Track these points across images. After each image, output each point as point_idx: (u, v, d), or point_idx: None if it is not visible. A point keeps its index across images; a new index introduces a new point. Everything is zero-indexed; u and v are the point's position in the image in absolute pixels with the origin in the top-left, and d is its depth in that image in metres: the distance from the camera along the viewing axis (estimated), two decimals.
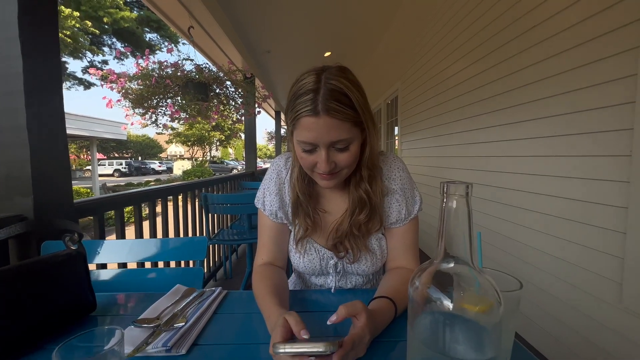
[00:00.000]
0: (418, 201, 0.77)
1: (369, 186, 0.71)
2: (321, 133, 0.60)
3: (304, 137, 0.61)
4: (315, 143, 0.61)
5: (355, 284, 0.80)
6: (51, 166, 1.07)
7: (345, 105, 0.59)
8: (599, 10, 1.30)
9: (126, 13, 13.06)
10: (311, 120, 0.59)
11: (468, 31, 2.35)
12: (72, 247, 0.61)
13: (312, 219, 0.74)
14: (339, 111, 0.58)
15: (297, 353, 0.41)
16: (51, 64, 1.09)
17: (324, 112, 0.58)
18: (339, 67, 0.64)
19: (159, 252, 0.94)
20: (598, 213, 1.32)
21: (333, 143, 0.61)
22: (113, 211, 1.54)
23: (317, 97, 0.58)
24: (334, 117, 0.58)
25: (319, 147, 0.62)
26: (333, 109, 0.58)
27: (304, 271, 0.79)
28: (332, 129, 0.59)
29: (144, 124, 2.59)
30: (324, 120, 0.58)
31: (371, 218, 0.72)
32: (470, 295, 0.32)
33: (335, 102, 0.58)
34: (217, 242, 2.38)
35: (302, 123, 0.60)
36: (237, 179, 3.89)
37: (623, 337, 1.21)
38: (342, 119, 0.59)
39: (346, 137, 0.61)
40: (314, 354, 0.41)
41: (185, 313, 0.61)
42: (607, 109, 1.28)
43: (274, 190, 0.77)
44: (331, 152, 0.63)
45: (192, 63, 2.39)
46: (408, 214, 0.75)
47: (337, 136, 0.60)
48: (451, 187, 0.32)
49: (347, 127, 0.60)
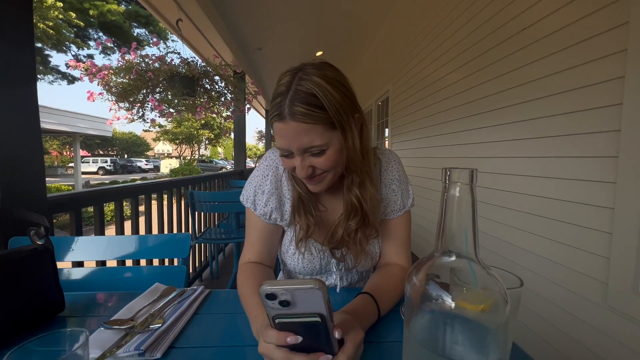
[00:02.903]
0: (411, 195, 0.78)
1: (359, 192, 0.66)
2: (290, 139, 0.57)
3: (278, 142, 0.60)
4: (288, 148, 0.58)
5: (351, 280, 0.79)
6: (22, 159, 1.00)
7: (314, 107, 0.54)
8: (586, 14, 1.32)
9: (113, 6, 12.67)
10: (280, 126, 0.57)
11: (458, 34, 2.37)
12: (38, 242, 0.56)
13: (314, 217, 0.69)
14: (306, 114, 0.54)
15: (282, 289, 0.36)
16: (24, 52, 1.02)
17: (289, 116, 0.55)
18: (318, 63, 0.59)
19: (139, 249, 0.88)
20: (585, 214, 1.33)
21: (305, 149, 0.58)
22: (92, 208, 1.47)
23: (284, 101, 0.55)
24: (301, 120, 0.54)
25: (294, 154, 0.59)
26: (299, 112, 0.54)
27: (301, 272, 0.75)
28: (300, 134, 0.56)
29: (130, 119, 2.50)
30: (290, 126, 0.55)
31: (365, 225, 0.68)
32: (473, 293, 0.29)
33: (301, 105, 0.54)
34: (203, 241, 2.32)
35: (274, 128, 0.58)
36: (225, 177, 3.81)
37: (607, 335, 1.22)
38: (311, 122, 0.55)
39: (319, 142, 0.57)
40: (300, 288, 0.36)
41: (162, 313, 0.56)
42: (594, 111, 1.30)
43: (268, 190, 0.70)
44: (306, 157, 0.59)
45: (179, 56, 2.32)
46: (403, 206, 0.75)
47: (307, 142, 0.56)
48: (454, 173, 0.29)
49: (319, 131, 0.56)
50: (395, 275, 0.69)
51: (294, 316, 0.38)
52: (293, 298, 0.36)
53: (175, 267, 0.84)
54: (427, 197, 2.96)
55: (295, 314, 0.38)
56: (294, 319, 0.38)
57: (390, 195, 0.75)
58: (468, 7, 2.21)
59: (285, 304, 0.37)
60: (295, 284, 0.36)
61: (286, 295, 0.36)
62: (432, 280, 0.30)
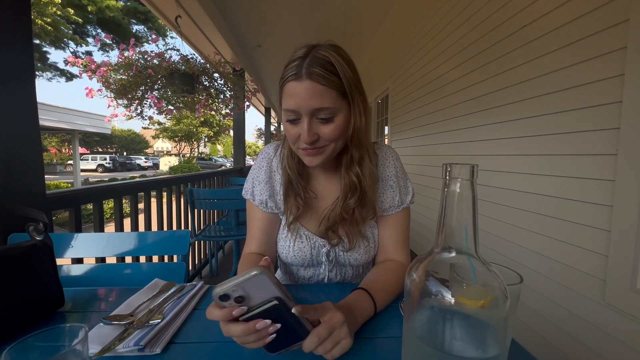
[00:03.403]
0: (411, 192, 0.77)
1: (359, 169, 0.68)
2: (303, 98, 0.58)
3: (287, 104, 0.60)
4: (298, 110, 0.59)
5: (346, 276, 0.78)
6: (21, 155, 1.00)
7: (330, 72, 0.58)
8: (586, 12, 1.32)
9: (112, 2, 12.59)
10: (294, 85, 0.58)
11: (458, 32, 2.36)
12: (36, 238, 0.55)
13: (303, 199, 0.70)
14: (323, 77, 0.57)
15: (230, 287, 0.37)
16: (22, 49, 1.01)
17: (307, 76, 0.57)
18: (330, 44, 0.63)
19: (139, 246, 0.88)
20: (584, 211, 1.33)
21: (316, 111, 0.59)
22: (91, 205, 1.46)
23: (302, 64, 0.58)
24: (317, 81, 0.57)
25: (302, 117, 0.60)
26: (316, 73, 0.57)
27: (292, 262, 0.75)
28: (314, 94, 0.58)
29: (128, 116, 2.49)
30: (306, 85, 0.57)
31: (363, 204, 0.69)
32: (473, 288, 0.29)
33: (319, 68, 0.57)
34: (202, 238, 2.32)
35: (286, 89, 0.60)
36: (224, 174, 3.81)
37: (605, 332, 1.22)
38: (325, 85, 0.58)
39: (330, 105, 0.59)
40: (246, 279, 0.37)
41: (162, 309, 0.56)
42: (594, 109, 1.30)
43: (263, 179, 0.74)
44: (314, 123, 0.60)
45: (178, 53, 2.31)
46: (401, 202, 0.75)
47: (319, 103, 0.58)
48: (455, 169, 0.29)
49: (331, 96, 0.59)
50: (393, 271, 0.68)
51: (253, 309, 0.39)
52: (245, 291, 0.38)
53: (175, 264, 0.84)
54: (427, 195, 2.96)
55: (253, 306, 0.39)
56: (255, 311, 0.39)
57: (388, 191, 0.74)
58: (468, 5, 2.20)
59: (240, 300, 0.38)
60: (240, 277, 0.37)
61: (238, 291, 0.38)
62: (431, 276, 0.30)
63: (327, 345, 0.43)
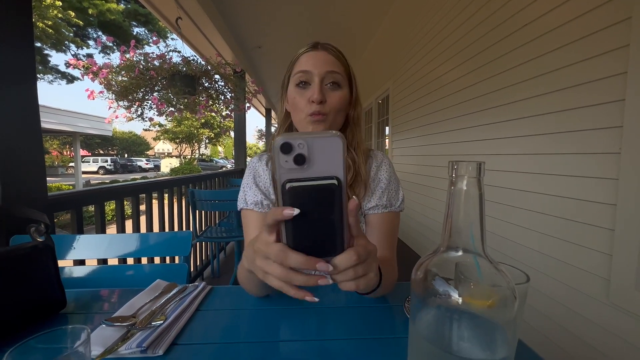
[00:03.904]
0: (400, 198, 0.78)
1: (354, 153, 0.74)
2: (317, 61, 0.67)
3: (301, 67, 0.68)
4: (311, 70, 0.67)
5: None
6: (23, 157, 1.00)
7: (339, 54, 0.71)
8: (587, 10, 1.31)
9: (112, 5, 12.62)
10: (310, 53, 0.69)
11: (458, 31, 2.36)
12: (38, 239, 0.55)
13: None
14: (334, 52, 0.69)
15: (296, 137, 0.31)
16: (24, 51, 1.01)
17: (322, 48, 0.69)
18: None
19: (141, 247, 0.88)
20: (588, 210, 1.33)
21: (328, 74, 0.67)
22: (93, 207, 1.46)
23: (317, 43, 0.70)
24: (331, 53, 0.69)
25: (314, 78, 0.67)
26: (330, 48, 0.69)
27: None
28: (328, 61, 0.68)
29: (129, 118, 2.50)
30: (322, 53, 0.68)
31: (356, 180, 0.74)
32: (481, 288, 0.29)
33: (332, 47, 0.70)
34: (204, 239, 2.31)
35: (300, 60, 0.69)
36: (225, 175, 3.81)
37: (610, 332, 1.21)
38: (337, 58, 0.69)
39: (339, 71, 0.68)
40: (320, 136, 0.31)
41: (164, 310, 0.56)
42: (596, 107, 1.29)
43: (253, 183, 0.76)
44: (324, 87, 0.68)
45: (179, 55, 2.31)
46: (389, 204, 0.75)
47: (331, 67, 0.67)
48: (461, 166, 0.28)
49: (340, 68, 0.69)
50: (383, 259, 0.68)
51: (307, 180, 0.32)
52: (310, 152, 0.31)
53: (176, 265, 0.84)
54: (428, 194, 2.96)
55: (309, 178, 0.32)
56: (307, 182, 0.32)
57: (377, 190, 0.76)
58: (469, 4, 2.20)
59: (300, 161, 0.31)
60: (314, 133, 0.31)
61: (303, 148, 0.31)
62: (437, 275, 0.29)
63: (359, 269, 0.36)
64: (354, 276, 0.36)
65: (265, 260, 0.36)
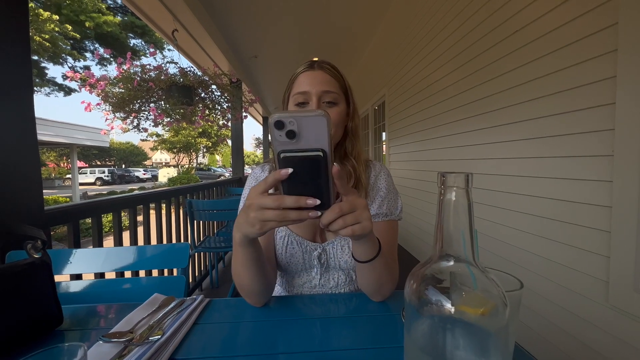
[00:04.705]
0: (399, 207, 0.80)
1: (354, 161, 0.76)
2: (314, 81, 0.71)
3: (300, 88, 0.71)
4: (309, 90, 0.70)
5: (338, 281, 0.78)
6: (19, 172, 1.00)
7: (336, 71, 0.74)
8: (576, 16, 1.34)
9: (109, 17, 12.74)
10: (307, 73, 0.72)
11: (451, 37, 2.40)
12: (35, 255, 0.55)
13: None
14: (331, 71, 0.73)
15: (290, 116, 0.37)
16: (20, 65, 1.02)
17: (319, 67, 0.72)
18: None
19: (138, 260, 0.88)
20: (584, 213, 1.34)
21: (324, 94, 0.70)
22: (90, 219, 1.46)
23: (313, 63, 0.74)
24: (327, 72, 0.72)
25: (311, 97, 0.70)
26: (326, 67, 0.73)
27: (286, 268, 0.77)
28: (324, 81, 0.71)
29: (125, 129, 2.50)
30: (318, 73, 0.72)
31: (356, 187, 0.76)
32: (473, 297, 0.29)
33: (328, 65, 0.74)
34: (202, 250, 2.30)
35: (298, 79, 0.72)
36: (223, 184, 3.80)
37: (611, 335, 1.21)
38: (333, 76, 0.73)
39: (336, 91, 0.72)
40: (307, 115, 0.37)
41: (162, 325, 0.56)
42: (588, 111, 1.31)
43: None
44: (321, 106, 0.71)
45: (177, 66, 2.33)
46: (389, 212, 0.77)
47: (327, 87, 0.71)
48: (449, 177, 0.29)
49: (337, 86, 0.73)
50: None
51: (297, 151, 0.39)
52: (299, 128, 0.37)
53: (174, 278, 0.84)
54: (426, 200, 2.96)
55: (299, 149, 0.39)
56: (297, 153, 0.39)
57: (377, 199, 0.78)
58: (460, 12, 2.24)
59: (291, 136, 0.38)
60: (303, 111, 0.38)
61: (293, 125, 0.37)
62: (430, 284, 0.30)
63: (348, 219, 0.44)
64: (343, 224, 0.44)
65: (261, 210, 0.43)
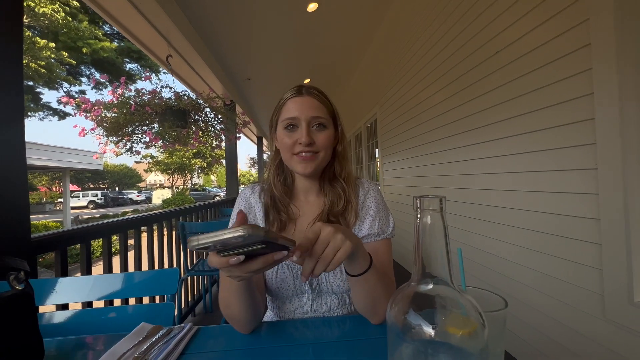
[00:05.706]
0: (391, 225, 0.79)
1: (344, 183, 0.78)
2: (303, 107, 0.71)
3: (288, 114, 0.72)
4: (298, 116, 0.71)
5: (331, 305, 0.76)
6: (6, 199, 0.99)
7: (323, 96, 0.75)
8: (553, 37, 1.41)
9: (106, 43, 13.04)
10: (296, 99, 0.72)
11: (439, 57, 2.49)
12: (17, 287, 0.54)
13: (287, 214, 0.77)
14: (318, 96, 0.74)
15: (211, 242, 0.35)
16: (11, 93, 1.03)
17: (306, 93, 0.73)
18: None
19: (125, 287, 0.86)
20: (574, 226, 1.35)
21: (313, 118, 0.72)
22: (79, 245, 1.43)
23: (301, 88, 0.74)
24: (315, 97, 0.73)
25: (301, 123, 0.71)
26: (315, 92, 0.74)
27: (277, 294, 0.74)
28: (313, 106, 0.72)
29: (117, 152, 2.51)
30: (306, 99, 0.72)
31: (347, 209, 0.77)
32: (452, 318, 0.29)
33: (315, 90, 0.74)
34: (195, 273, 2.26)
35: (287, 105, 0.73)
36: (217, 205, 3.78)
37: (608, 348, 1.20)
38: (321, 102, 0.73)
39: (324, 115, 0.73)
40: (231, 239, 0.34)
41: (147, 356, 0.54)
42: (570, 126, 1.35)
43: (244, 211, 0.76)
44: (311, 130, 0.72)
45: (171, 91, 2.38)
46: (381, 232, 0.76)
47: (316, 112, 0.72)
48: (424, 201, 0.30)
49: (325, 111, 0.73)
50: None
51: (236, 249, 0.39)
52: (226, 245, 0.37)
53: (162, 305, 0.82)
54: None
55: (237, 252, 0.39)
56: (237, 250, 0.39)
57: (367, 219, 0.77)
58: (448, 30, 2.33)
59: (221, 250, 0.38)
60: (225, 233, 0.34)
61: (217, 246, 0.36)
62: (411, 308, 0.30)
63: (327, 256, 0.47)
64: (325, 264, 0.47)
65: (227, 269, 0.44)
